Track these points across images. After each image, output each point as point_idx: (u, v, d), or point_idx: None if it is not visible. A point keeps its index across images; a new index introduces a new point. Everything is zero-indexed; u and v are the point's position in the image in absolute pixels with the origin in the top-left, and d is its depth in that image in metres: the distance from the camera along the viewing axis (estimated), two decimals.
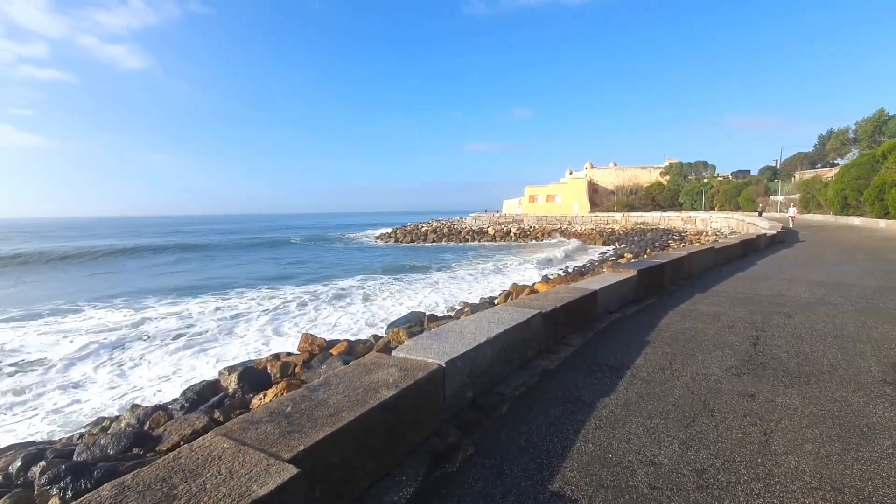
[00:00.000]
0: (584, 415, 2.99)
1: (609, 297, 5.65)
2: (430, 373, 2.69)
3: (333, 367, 7.73)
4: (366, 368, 2.74)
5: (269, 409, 2.18)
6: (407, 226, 60.32)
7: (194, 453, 1.75)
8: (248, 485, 1.55)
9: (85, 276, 25.97)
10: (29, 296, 19.70)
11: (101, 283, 22.30)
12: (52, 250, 40.31)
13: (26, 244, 49.60)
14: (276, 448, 1.82)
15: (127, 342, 11.19)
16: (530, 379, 3.57)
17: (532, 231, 46.77)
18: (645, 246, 28.46)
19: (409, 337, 8.59)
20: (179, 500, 1.47)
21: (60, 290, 20.81)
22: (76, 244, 47.13)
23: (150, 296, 18.38)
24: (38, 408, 7.74)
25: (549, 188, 63.66)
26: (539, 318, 4.03)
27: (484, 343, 3.24)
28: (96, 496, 1.48)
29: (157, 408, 7.05)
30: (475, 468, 2.40)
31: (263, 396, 6.78)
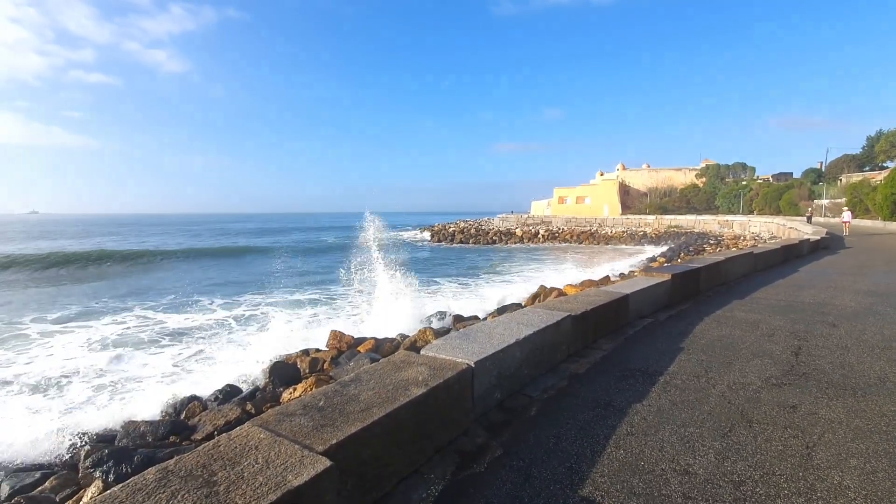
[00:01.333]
0: (614, 420, 2.94)
1: (641, 301, 5.53)
2: (459, 372, 2.70)
3: (361, 364, 7.84)
4: (395, 366, 2.77)
5: (303, 403, 2.24)
6: (434, 226, 60.51)
7: (233, 442, 1.81)
8: (283, 475, 1.60)
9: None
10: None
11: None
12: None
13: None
14: (310, 440, 1.86)
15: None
16: (559, 382, 3.53)
17: (561, 233, 46.15)
18: (678, 250, 27.69)
19: (436, 336, 8.62)
20: (219, 486, 1.53)
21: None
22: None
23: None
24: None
25: (579, 189, 62.69)
26: (569, 320, 3.98)
27: (513, 344, 3.23)
28: (142, 479, 1.56)
29: (193, 398, 7.29)
30: (503, 470, 2.39)
31: (293, 391, 6.93)
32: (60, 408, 7.33)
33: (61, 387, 8.31)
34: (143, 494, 1.48)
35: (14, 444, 5.97)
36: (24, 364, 9.74)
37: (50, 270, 27.62)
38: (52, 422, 6.41)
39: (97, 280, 24.46)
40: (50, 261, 30.12)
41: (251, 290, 19.17)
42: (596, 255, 31.74)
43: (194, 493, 1.49)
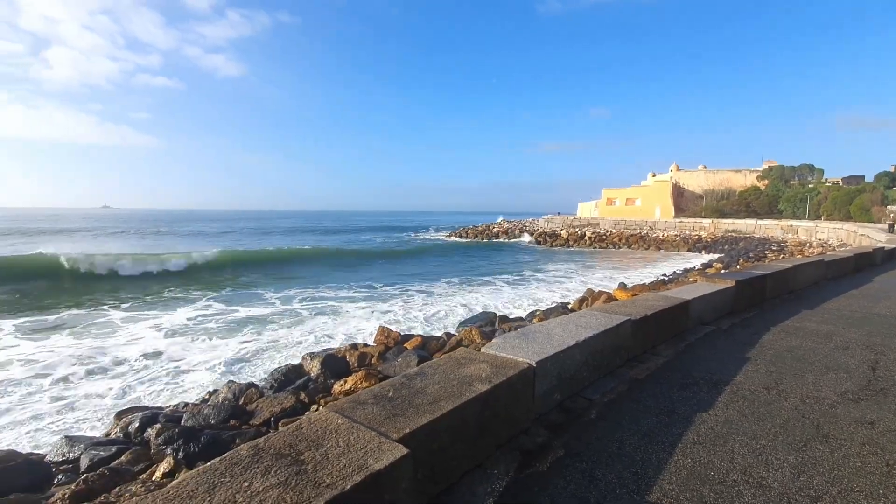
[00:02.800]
0: (679, 428, 2.86)
1: (702, 307, 5.32)
2: (522, 371, 2.71)
3: (408, 360, 7.97)
4: (458, 362, 2.82)
5: (373, 393, 2.32)
6: (478, 226, 60.42)
7: (314, 426, 1.91)
8: (364, 458, 1.68)
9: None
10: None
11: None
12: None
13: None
14: (385, 428, 1.94)
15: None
16: (619, 386, 3.47)
17: (609, 236, 44.88)
18: (737, 256, 26.30)
19: (482, 336, 8.64)
20: (307, 465, 1.62)
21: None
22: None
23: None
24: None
25: (629, 191, 60.68)
26: (629, 324, 3.90)
27: (573, 346, 3.20)
28: (236, 454, 1.68)
29: (250, 385, 7.65)
30: (567, 470, 2.39)
31: (344, 383, 7.14)
32: (140, 388, 7.90)
33: (148, 368, 8.91)
34: (240, 468, 1.60)
35: (95, 418, 6.50)
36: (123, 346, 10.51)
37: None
38: (132, 400, 6.94)
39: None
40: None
41: (307, 285, 19.85)
42: (647, 259, 30.67)
43: (285, 470, 1.59)
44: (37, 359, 9.26)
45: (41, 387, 7.68)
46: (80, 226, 70.86)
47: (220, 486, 1.51)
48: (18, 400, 7.11)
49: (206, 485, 1.51)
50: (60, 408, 6.91)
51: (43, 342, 10.63)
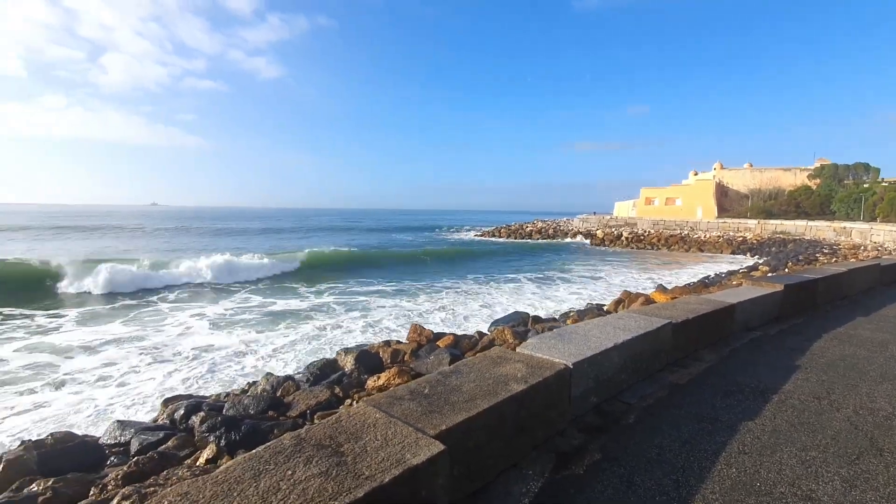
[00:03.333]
0: (723, 436, 2.76)
1: (748, 312, 5.10)
2: (558, 372, 2.68)
3: (441, 358, 8.01)
4: (493, 361, 2.81)
5: (409, 389, 2.35)
6: (511, 225, 59.95)
7: (353, 419, 1.96)
8: (402, 453, 1.70)
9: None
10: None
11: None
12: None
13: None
14: (421, 424, 1.96)
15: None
16: (658, 391, 3.37)
17: (647, 236, 43.62)
18: (785, 258, 25.04)
19: (514, 336, 8.58)
20: (346, 456, 1.66)
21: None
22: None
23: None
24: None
25: (669, 190, 58.68)
26: (669, 328, 3.79)
27: (611, 349, 3.14)
28: (280, 443, 1.74)
29: (287, 378, 7.86)
30: (604, 474, 2.35)
31: (377, 378, 7.24)
32: (185, 376, 8.26)
33: (197, 359, 9.30)
34: (283, 457, 1.65)
35: (148, 403, 6.85)
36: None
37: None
38: (181, 388, 7.27)
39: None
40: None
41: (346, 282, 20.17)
42: (687, 261, 29.61)
43: (326, 460, 1.63)
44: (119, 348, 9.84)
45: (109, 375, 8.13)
46: (145, 223, 73.37)
47: (264, 473, 1.56)
48: (79, 386, 7.56)
49: (252, 471, 1.57)
50: (116, 394, 7.30)
51: (103, 328, 11.25)
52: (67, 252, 26.17)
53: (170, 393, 7.31)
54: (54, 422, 6.18)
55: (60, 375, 7.91)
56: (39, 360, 8.69)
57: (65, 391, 7.22)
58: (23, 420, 6.15)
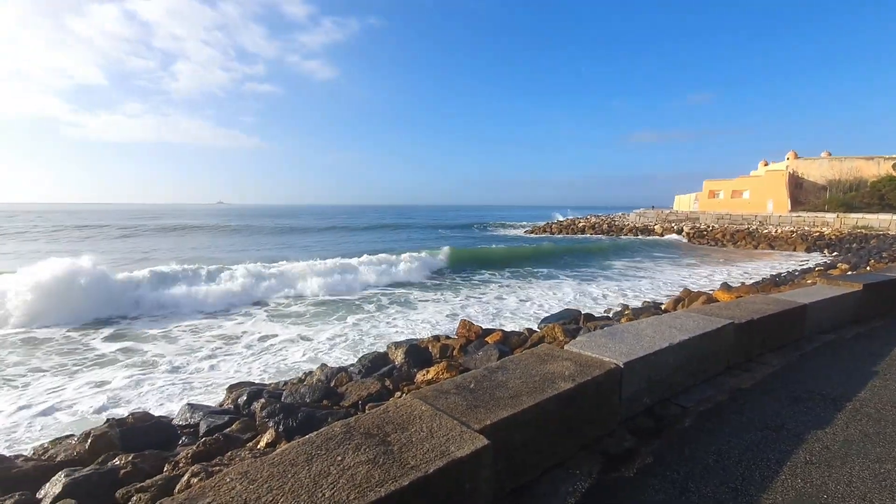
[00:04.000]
0: (788, 445, 2.58)
1: (821, 313, 4.72)
2: (607, 372, 2.61)
3: (489, 354, 8.01)
4: (539, 358, 2.79)
5: (455, 383, 2.38)
6: (563, 220, 58.62)
7: (399, 410, 2.01)
8: (446, 445, 1.73)
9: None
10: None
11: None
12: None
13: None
14: (466, 418, 1.98)
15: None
16: (718, 395, 3.20)
17: (710, 231, 41.23)
18: (867, 256, 22.87)
19: (565, 334, 8.42)
20: (393, 445, 1.72)
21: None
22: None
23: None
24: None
25: (736, 182, 54.92)
26: (731, 328, 3.58)
27: (666, 349, 3.02)
28: (331, 430, 1.82)
29: (340, 369, 8.15)
30: (655, 479, 2.27)
31: (426, 373, 7.35)
32: (250, 364, 8.77)
33: (269, 350, 9.85)
34: (334, 443, 1.73)
35: (210, 390, 7.33)
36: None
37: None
38: (243, 375, 7.73)
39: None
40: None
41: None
42: (755, 258, 27.72)
43: (374, 448, 1.69)
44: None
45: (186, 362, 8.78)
46: (230, 221, 73.44)
47: (316, 457, 1.64)
48: (158, 370, 8.21)
49: (306, 455, 1.66)
50: (187, 378, 7.86)
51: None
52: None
53: (234, 379, 7.74)
54: (148, 400, 6.75)
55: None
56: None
57: (144, 374, 7.85)
58: (110, 397, 6.74)
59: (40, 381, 7.26)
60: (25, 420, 5.84)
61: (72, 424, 5.78)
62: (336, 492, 1.46)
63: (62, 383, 7.17)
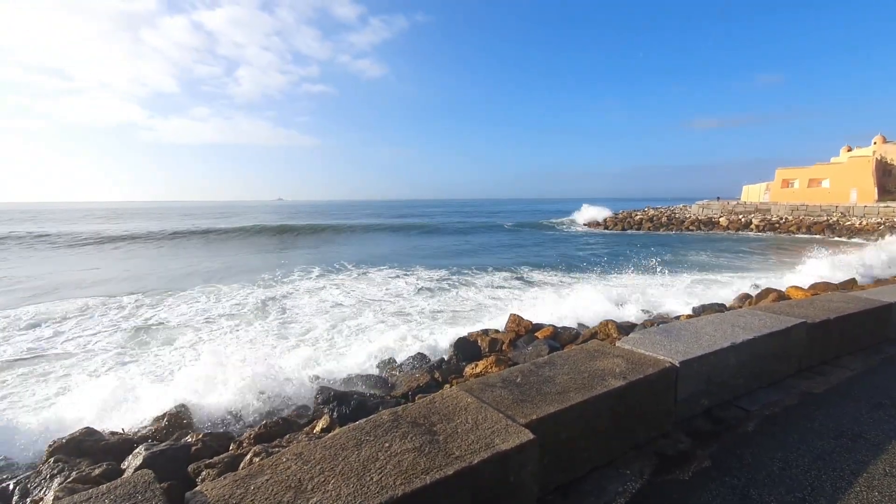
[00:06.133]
0: (865, 455, 2.37)
1: None
2: (662, 370, 2.51)
3: (539, 349, 7.91)
4: (589, 354, 2.72)
5: (502, 377, 2.38)
6: (618, 213, 56.39)
7: (445, 401, 2.04)
8: (491, 437, 1.74)
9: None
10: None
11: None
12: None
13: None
14: (512, 412, 1.98)
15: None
16: (786, 399, 2.99)
17: (783, 224, 38.30)
18: None
19: (619, 331, 8.16)
20: (438, 435, 1.75)
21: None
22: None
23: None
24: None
25: (813, 170, 50.32)
26: (803, 328, 3.32)
27: (727, 348, 2.85)
28: (379, 417, 1.88)
29: (391, 360, 8.35)
30: (713, 483, 2.16)
31: (475, 366, 7.38)
32: (307, 354, 9.16)
33: (330, 340, 10.24)
34: (382, 430, 1.79)
35: (271, 379, 7.73)
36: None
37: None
38: (303, 366, 8.10)
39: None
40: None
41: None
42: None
43: (420, 437, 1.73)
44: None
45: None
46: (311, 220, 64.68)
47: (365, 443, 1.71)
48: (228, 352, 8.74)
49: (355, 441, 1.73)
50: None
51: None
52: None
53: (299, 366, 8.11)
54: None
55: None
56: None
57: None
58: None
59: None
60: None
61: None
62: (383, 476, 1.51)
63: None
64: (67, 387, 6.69)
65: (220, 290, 14.56)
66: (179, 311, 11.89)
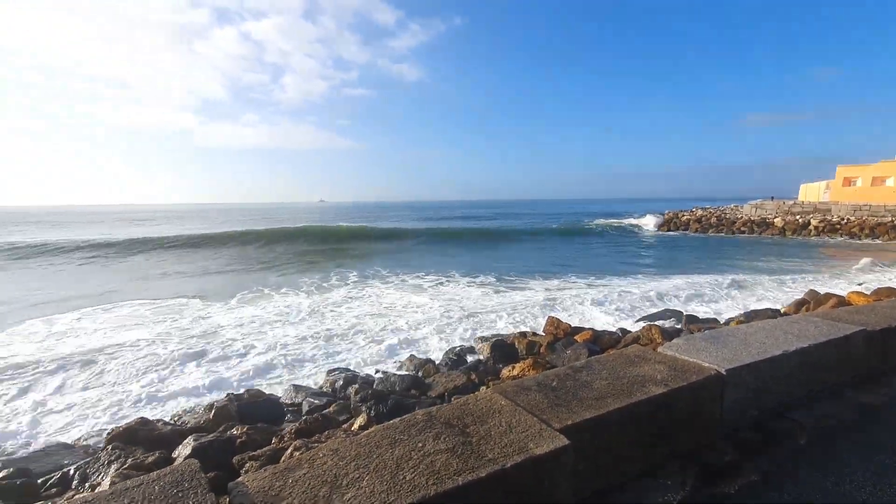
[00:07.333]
0: None
1: None
2: (707, 378, 2.41)
3: (578, 353, 7.77)
4: (629, 360, 2.66)
5: (537, 381, 2.36)
6: (664, 214, 54.42)
7: (479, 403, 2.04)
8: (524, 441, 1.73)
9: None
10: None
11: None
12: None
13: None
14: (547, 416, 1.96)
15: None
16: (843, 412, 2.81)
17: (845, 224, 35.83)
18: None
19: (663, 336, 7.90)
20: (472, 437, 1.76)
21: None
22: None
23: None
24: None
25: (877, 167, 46.83)
26: (861, 336, 3.11)
27: (778, 356, 2.71)
28: (413, 417, 1.91)
29: (428, 361, 8.41)
30: (761, 499, 2.06)
31: (512, 368, 7.32)
32: (343, 354, 9.37)
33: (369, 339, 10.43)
34: (416, 430, 1.81)
35: (310, 375, 7.96)
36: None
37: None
38: (338, 363, 8.30)
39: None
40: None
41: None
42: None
43: (453, 438, 1.75)
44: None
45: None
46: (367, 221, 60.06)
47: (399, 442, 1.74)
48: (269, 353, 9.08)
49: (389, 439, 1.76)
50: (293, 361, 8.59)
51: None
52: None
53: (332, 365, 8.33)
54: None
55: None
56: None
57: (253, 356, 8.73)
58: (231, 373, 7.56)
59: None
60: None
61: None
62: (416, 476, 1.53)
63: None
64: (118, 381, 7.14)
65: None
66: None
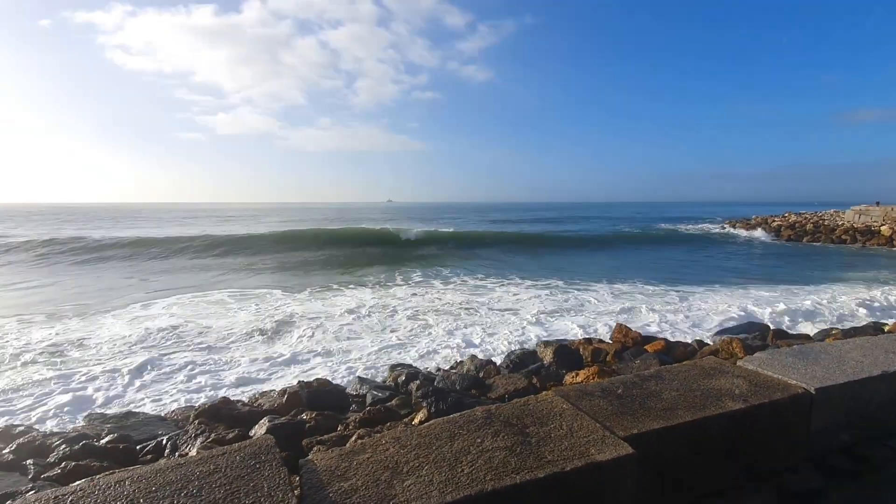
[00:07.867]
0: None
1: None
2: (793, 396, 2.22)
3: (647, 363, 7.39)
4: (703, 371, 2.50)
5: (601, 387, 2.29)
6: (751, 219, 50.17)
7: (540, 405, 2.03)
8: (586, 447, 1.70)
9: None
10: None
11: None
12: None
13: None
14: (610, 423, 1.90)
15: None
16: None
17: None
18: None
19: (744, 350, 7.32)
20: (531, 438, 1.75)
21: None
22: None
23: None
24: None
25: None
26: None
27: (877, 377, 2.43)
28: (473, 413, 1.93)
29: (489, 362, 8.38)
30: None
31: (576, 375, 7.10)
32: (407, 350, 9.59)
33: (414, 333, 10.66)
34: (475, 426, 1.84)
35: (374, 368, 8.23)
36: None
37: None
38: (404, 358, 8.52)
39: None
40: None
41: None
42: None
43: (512, 437, 1.75)
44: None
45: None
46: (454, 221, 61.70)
47: (458, 436, 1.77)
48: (339, 347, 9.51)
49: (449, 433, 1.80)
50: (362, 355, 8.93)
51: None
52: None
53: (395, 361, 8.56)
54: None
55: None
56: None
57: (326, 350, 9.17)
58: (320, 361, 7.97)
59: None
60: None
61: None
62: (474, 470, 1.55)
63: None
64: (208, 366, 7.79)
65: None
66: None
